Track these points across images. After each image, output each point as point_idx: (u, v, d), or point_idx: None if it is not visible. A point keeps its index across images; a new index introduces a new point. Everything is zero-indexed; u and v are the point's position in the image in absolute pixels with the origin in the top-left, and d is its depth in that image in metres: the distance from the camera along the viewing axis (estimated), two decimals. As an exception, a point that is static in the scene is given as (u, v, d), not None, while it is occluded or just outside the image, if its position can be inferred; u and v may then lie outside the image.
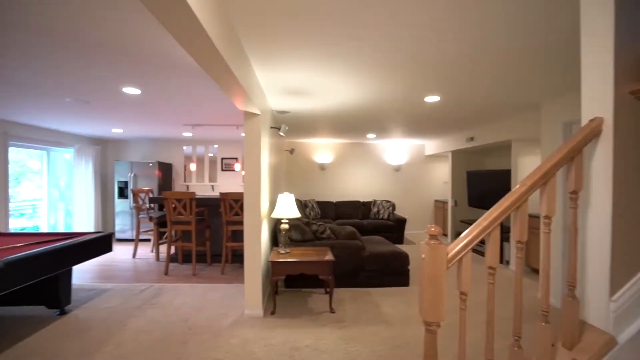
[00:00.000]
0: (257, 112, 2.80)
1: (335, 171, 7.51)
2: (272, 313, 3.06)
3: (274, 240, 3.97)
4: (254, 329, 2.78)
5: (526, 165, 4.55)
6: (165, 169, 6.91)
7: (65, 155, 6.32)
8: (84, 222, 6.38)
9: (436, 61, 2.36)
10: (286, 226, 3.19)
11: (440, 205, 7.30)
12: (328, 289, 3.65)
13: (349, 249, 3.81)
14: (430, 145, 7.34)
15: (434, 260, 1.08)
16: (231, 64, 1.69)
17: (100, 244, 3.39)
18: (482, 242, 1.21)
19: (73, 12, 1.66)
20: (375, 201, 6.92)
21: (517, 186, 1.25)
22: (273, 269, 3.00)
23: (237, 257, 4.92)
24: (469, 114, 4.18)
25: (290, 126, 5.25)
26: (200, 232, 4.83)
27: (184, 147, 7.17)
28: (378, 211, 6.70)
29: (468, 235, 1.16)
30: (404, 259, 3.89)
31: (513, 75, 2.68)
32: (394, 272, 3.89)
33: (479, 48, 2.12)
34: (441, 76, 2.70)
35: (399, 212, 7.44)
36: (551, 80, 2.83)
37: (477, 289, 2.42)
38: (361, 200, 7.39)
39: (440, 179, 7.69)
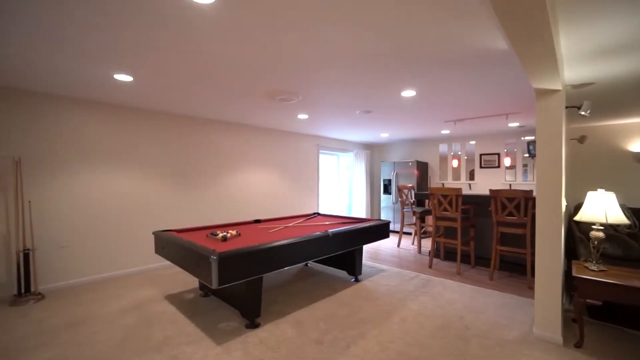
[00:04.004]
0: (559, 87, 2.25)
1: (667, 164, 4.95)
2: (578, 346, 2.36)
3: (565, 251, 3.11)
4: (551, 357, 2.26)
5: None
6: (422, 168, 7.29)
7: (346, 158, 8.15)
8: (359, 211, 7.93)
9: None
10: (601, 234, 2.36)
11: None
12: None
13: None
14: None
15: None
16: (552, 28, 1.40)
17: (382, 230, 4.01)
18: None
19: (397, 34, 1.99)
20: None
21: None
22: (581, 288, 2.30)
23: (505, 264, 4.32)
24: None
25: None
26: (465, 231, 4.66)
27: (440, 146, 7.25)
28: None
29: None
30: None
31: None
32: None
33: None
34: None
35: None
36: None
37: None
38: None
39: None
